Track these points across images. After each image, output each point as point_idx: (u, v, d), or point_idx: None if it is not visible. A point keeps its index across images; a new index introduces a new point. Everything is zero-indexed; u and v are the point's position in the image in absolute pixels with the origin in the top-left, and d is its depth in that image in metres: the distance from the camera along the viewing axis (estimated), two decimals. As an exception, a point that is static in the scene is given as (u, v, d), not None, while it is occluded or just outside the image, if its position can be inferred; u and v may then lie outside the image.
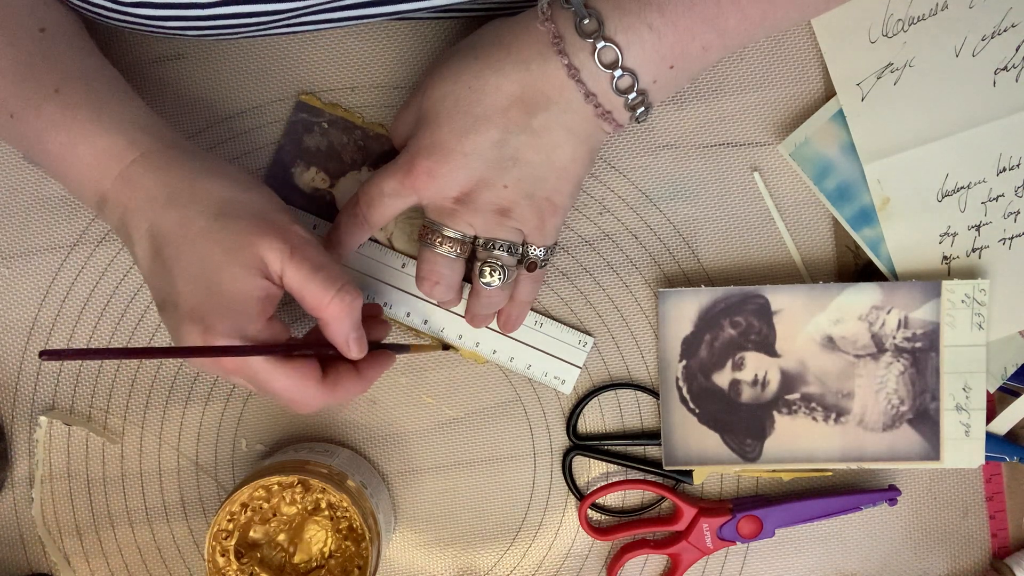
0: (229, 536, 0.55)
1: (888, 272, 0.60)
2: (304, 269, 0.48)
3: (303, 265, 0.48)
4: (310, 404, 0.50)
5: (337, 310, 0.49)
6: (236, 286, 0.47)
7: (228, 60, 0.59)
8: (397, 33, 0.59)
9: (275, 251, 0.48)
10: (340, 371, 0.51)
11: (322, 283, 0.48)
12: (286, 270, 0.48)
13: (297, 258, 0.48)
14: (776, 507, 0.60)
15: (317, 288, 0.48)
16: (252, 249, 0.48)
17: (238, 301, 0.47)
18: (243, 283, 0.47)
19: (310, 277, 0.48)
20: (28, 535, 0.61)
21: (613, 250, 0.61)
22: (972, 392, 0.58)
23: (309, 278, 0.48)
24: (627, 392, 0.62)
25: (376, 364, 0.53)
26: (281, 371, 0.48)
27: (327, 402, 0.51)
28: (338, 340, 0.50)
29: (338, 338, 0.50)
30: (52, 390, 0.60)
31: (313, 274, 0.48)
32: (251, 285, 0.48)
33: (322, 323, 0.50)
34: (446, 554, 0.62)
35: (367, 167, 0.59)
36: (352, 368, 0.52)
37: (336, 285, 0.49)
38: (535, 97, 0.50)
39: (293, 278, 0.48)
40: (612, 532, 0.62)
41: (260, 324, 0.48)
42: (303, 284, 0.48)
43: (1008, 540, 0.63)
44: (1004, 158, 0.58)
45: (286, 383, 0.49)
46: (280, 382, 0.49)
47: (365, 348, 0.52)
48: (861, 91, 0.58)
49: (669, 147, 0.60)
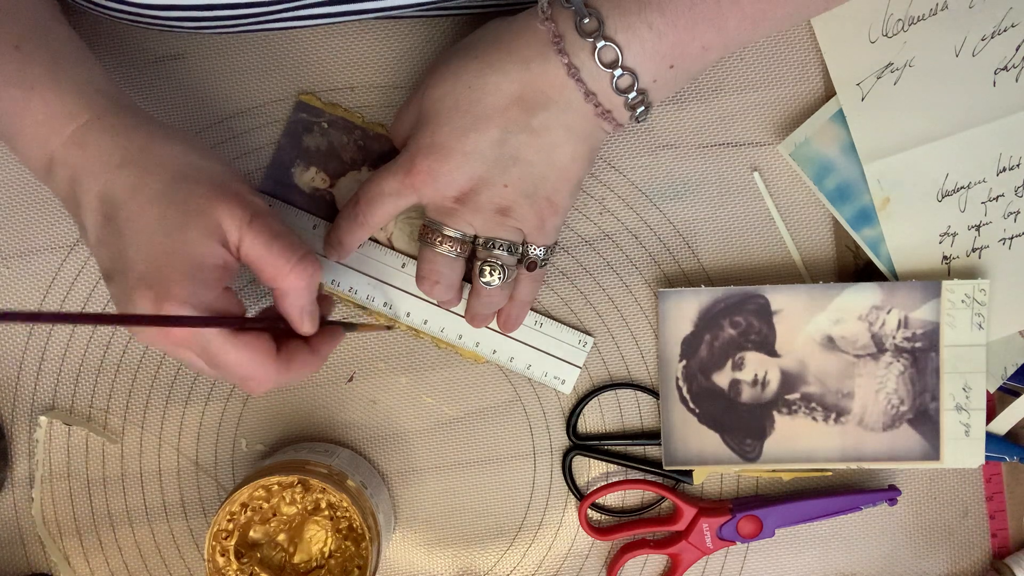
0: (229, 536, 0.55)
1: (888, 272, 0.60)
2: (263, 237, 0.47)
3: (262, 233, 0.47)
4: (264, 382, 0.48)
5: (296, 280, 0.48)
6: (194, 251, 0.45)
7: (228, 60, 0.59)
8: (397, 33, 0.59)
9: (234, 218, 0.46)
10: (293, 347, 0.50)
11: (281, 252, 0.47)
12: (244, 238, 0.47)
13: (256, 226, 0.47)
14: (776, 507, 0.60)
15: (276, 257, 0.47)
16: (211, 215, 0.46)
17: (195, 267, 0.45)
18: (201, 248, 0.46)
19: (269, 245, 0.47)
20: (28, 535, 0.61)
21: (613, 250, 0.61)
22: (972, 392, 0.58)
23: (268, 246, 0.47)
24: (627, 392, 0.62)
25: (328, 340, 0.52)
26: (234, 345, 0.47)
27: (281, 380, 0.49)
28: (293, 313, 0.49)
29: (293, 311, 0.49)
30: (52, 390, 0.60)
31: (272, 242, 0.47)
32: (209, 252, 0.46)
33: (278, 294, 0.49)
34: (446, 554, 0.62)
35: (367, 167, 0.59)
36: (304, 344, 0.50)
37: (296, 255, 0.47)
38: (535, 96, 0.50)
39: (251, 246, 0.47)
40: (612, 532, 0.62)
41: (216, 293, 0.46)
42: (262, 253, 0.47)
43: (1008, 540, 0.63)
44: (1004, 158, 0.58)
45: (239, 358, 0.47)
46: (233, 357, 0.47)
47: (317, 323, 0.50)
48: (861, 91, 0.58)
49: (669, 147, 0.60)
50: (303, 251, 0.48)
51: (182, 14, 0.50)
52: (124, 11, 0.51)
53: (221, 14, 0.51)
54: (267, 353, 0.48)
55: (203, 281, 0.46)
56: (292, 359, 0.49)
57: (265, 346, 0.48)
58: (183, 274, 0.45)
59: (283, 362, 0.49)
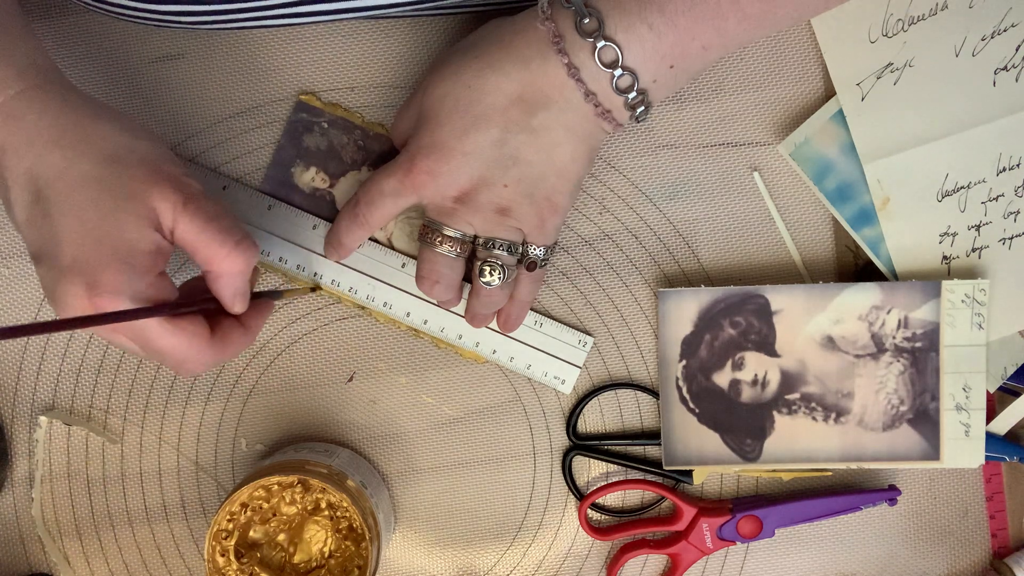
0: (229, 536, 0.55)
1: (888, 272, 0.60)
2: (198, 221, 0.46)
3: (196, 217, 0.46)
4: (201, 364, 0.48)
5: (231, 265, 0.47)
6: (126, 237, 0.44)
7: (228, 60, 0.59)
8: (397, 33, 0.59)
9: (168, 202, 0.45)
10: (226, 326, 0.49)
11: (216, 236, 0.46)
12: (179, 222, 0.46)
13: (191, 209, 0.46)
14: (776, 507, 0.60)
15: (211, 241, 0.46)
16: (144, 198, 0.45)
17: (128, 254, 0.44)
18: (134, 234, 0.45)
19: (204, 229, 0.46)
20: (28, 535, 0.61)
21: (613, 250, 0.61)
22: (972, 392, 0.58)
23: (203, 230, 0.46)
24: (627, 392, 0.62)
25: (259, 314, 0.51)
26: (170, 331, 0.46)
27: (217, 360, 0.49)
28: (225, 295, 0.48)
29: (226, 293, 0.48)
30: (52, 390, 0.60)
31: (207, 226, 0.46)
32: (142, 237, 0.45)
33: (211, 276, 0.48)
34: (446, 554, 0.62)
35: (367, 167, 0.59)
36: (236, 322, 0.50)
37: (232, 239, 0.47)
38: (535, 96, 0.50)
39: (186, 230, 0.46)
40: (612, 532, 0.62)
41: (150, 279, 0.45)
42: (196, 236, 0.46)
43: (1008, 540, 0.63)
44: (1004, 158, 0.58)
45: (175, 343, 0.46)
46: (169, 342, 0.46)
47: (248, 301, 0.49)
48: (861, 91, 0.58)
49: (669, 147, 0.60)
50: (239, 235, 0.47)
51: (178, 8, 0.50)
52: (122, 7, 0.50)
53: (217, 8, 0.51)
54: (202, 336, 0.47)
55: (135, 268, 0.44)
56: (226, 339, 0.49)
57: (199, 329, 0.47)
58: (115, 261, 0.44)
59: (218, 342, 0.48)
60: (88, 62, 0.58)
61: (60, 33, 0.58)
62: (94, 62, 0.58)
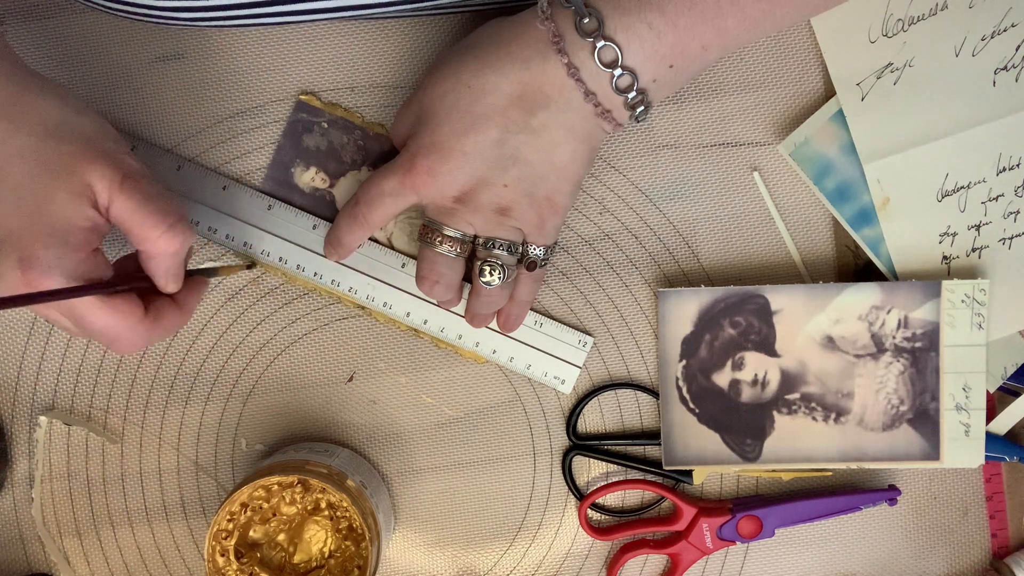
0: (229, 536, 0.55)
1: (888, 272, 0.60)
2: (134, 200, 0.45)
3: (133, 195, 0.45)
4: (134, 342, 0.48)
5: (165, 246, 0.46)
6: (61, 213, 0.44)
7: (228, 60, 0.59)
8: (396, 33, 0.59)
9: (104, 179, 0.45)
10: (159, 305, 0.49)
11: (152, 215, 0.46)
12: (114, 200, 0.45)
13: (128, 188, 0.45)
14: (776, 507, 0.60)
15: (145, 221, 0.46)
16: (80, 175, 0.44)
17: (62, 230, 0.44)
18: (69, 210, 0.44)
19: (138, 208, 0.45)
20: (28, 535, 0.61)
21: (613, 250, 0.61)
22: (972, 392, 0.58)
23: (137, 209, 0.45)
24: (627, 392, 0.62)
25: (193, 292, 0.51)
26: (103, 309, 0.45)
27: (151, 339, 0.48)
28: (158, 275, 0.48)
29: (159, 273, 0.48)
30: (52, 390, 0.60)
31: (142, 205, 0.45)
32: (78, 214, 0.44)
33: (144, 256, 0.48)
34: (446, 554, 0.62)
35: (367, 167, 0.59)
36: (170, 301, 0.50)
37: (167, 220, 0.46)
38: (535, 96, 0.50)
39: (121, 209, 0.45)
40: (612, 532, 0.62)
41: (83, 255, 0.45)
42: (131, 216, 0.45)
43: (1008, 540, 0.63)
44: (1004, 158, 0.58)
45: (108, 321, 0.46)
46: (102, 320, 0.46)
47: (181, 281, 0.49)
48: (861, 91, 0.58)
49: (669, 147, 0.60)
50: (175, 216, 0.47)
51: (176, 4, 0.50)
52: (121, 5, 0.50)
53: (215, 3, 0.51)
54: (135, 315, 0.47)
55: (70, 244, 0.44)
56: (160, 317, 0.48)
57: (133, 308, 0.47)
58: (50, 237, 0.43)
59: (151, 321, 0.48)
60: (88, 62, 0.58)
61: (59, 33, 0.58)
62: (94, 62, 0.58)
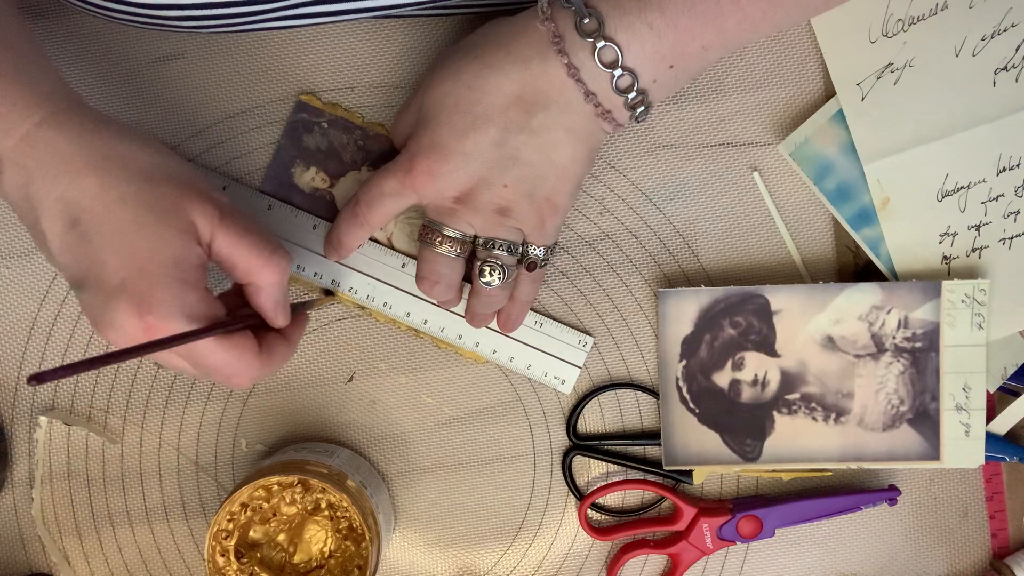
0: (229, 536, 0.55)
1: (888, 272, 0.60)
2: (234, 234, 0.46)
3: (233, 229, 0.46)
4: (249, 378, 0.48)
5: (270, 275, 0.47)
6: (172, 253, 0.44)
7: (228, 60, 0.59)
8: (397, 33, 0.59)
9: (205, 216, 0.46)
10: (271, 340, 0.50)
11: (254, 247, 0.47)
12: (216, 235, 0.46)
13: (227, 223, 0.46)
14: (776, 507, 0.60)
15: (249, 253, 0.46)
16: (183, 214, 0.45)
17: (176, 268, 0.44)
18: (180, 249, 0.45)
19: (240, 241, 0.46)
20: (28, 535, 0.61)
21: (613, 250, 0.61)
22: (972, 392, 0.58)
23: (239, 243, 0.46)
24: (627, 392, 0.62)
25: (298, 326, 0.52)
26: (221, 347, 0.46)
27: (264, 373, 0.49)
28: (267, 307, 0.49)
29: (268, 305, 0.49)
30: (52, 390, 0.60)
31: (243, 238, 0.46)
32: (189, 252, 0.45)
33: (251, 290, 0.48)
34: (446, 554, 0.62)
35: (367, 167, 0.59)
36: (278, 334, 0.50)
37: (268, 249, 0.47)
38: (535, 96, 0.50)
39: (223, 243, 0.46)
40: (612, 532, 0.62)
41: (199, 294, 0.45)
42: (234, 249, 0.46)
43: (1008, 540, 0.63)
44: (1004, 158, 0.58)
45: (226, 358, 0.47)
46: (219, 358, 0.46)
47: (289, 314, 0.50)
48: (861, 91, 0.58)
49: (669, 147, 0.60)
50: (274, 245, 0.48)
51: (179, 13, 0.50)
52: (122, 11, 0.51)
53: (218, 12, 0.51)
54: (251, 351, 0.48)
55: (185, 283, 0.45)
56: (272, 352, 0.49)
57: (249, 344, 0.48)
58: (165, 277, 0.44)
59: (265, 356, 0.49)
60: (88, 62, 0.58)
61: (60, 34, 0.58)
62: (94, 62, 0.58)
